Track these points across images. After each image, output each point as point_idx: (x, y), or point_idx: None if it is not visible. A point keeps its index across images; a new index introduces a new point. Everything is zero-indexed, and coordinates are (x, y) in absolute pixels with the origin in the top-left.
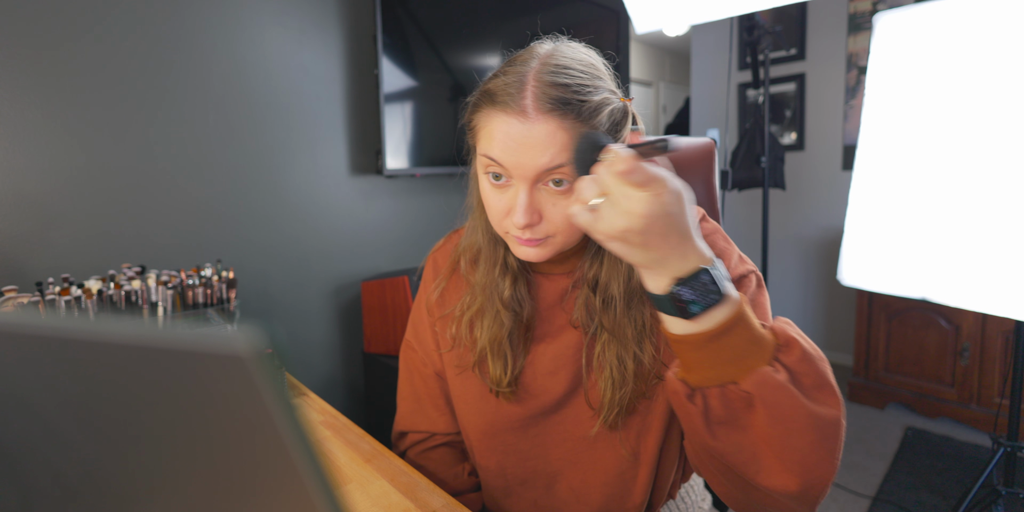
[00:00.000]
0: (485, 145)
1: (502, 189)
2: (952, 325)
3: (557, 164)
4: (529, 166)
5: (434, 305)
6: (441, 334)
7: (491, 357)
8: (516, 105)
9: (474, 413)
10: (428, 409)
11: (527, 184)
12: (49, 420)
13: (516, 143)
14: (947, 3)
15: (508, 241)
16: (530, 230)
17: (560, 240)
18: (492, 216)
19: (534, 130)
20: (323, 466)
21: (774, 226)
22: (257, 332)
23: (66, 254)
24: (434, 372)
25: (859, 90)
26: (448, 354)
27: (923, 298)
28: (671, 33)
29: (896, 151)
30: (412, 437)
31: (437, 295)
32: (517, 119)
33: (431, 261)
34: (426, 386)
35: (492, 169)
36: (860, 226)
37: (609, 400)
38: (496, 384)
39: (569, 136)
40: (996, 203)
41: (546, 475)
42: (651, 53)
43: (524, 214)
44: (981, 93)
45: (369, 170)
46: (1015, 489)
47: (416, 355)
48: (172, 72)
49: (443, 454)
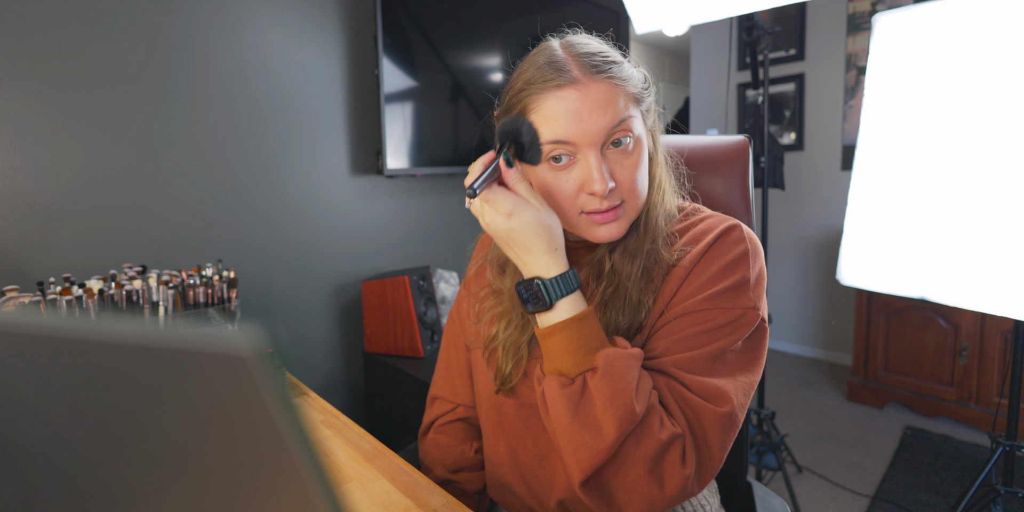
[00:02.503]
0: (547, 131)
1: (567, 170)
2: (951, 324)
3: (620, 120)
4: (595, 130)
5: (471, 280)
6: (468, 310)
7: (504, 354)
8: (566, 78)
9: (487, 390)
10: (455, 377)
11: (595, 150)
12: (51, 419)
13: (578, 112)
14: (946, 3)
15: (582, 227)
16: (607, 198)
17: (631, 207)
18: (562, 203)
19: (591, 93)
20: (323, 465)
21: (773, 226)
22: (258, 332)
23: (67, 254)
24: (464, 343)
25: (858, 90)
26: (474, 327)
27: (922, 298)
28: (671, 33)
29: (895, 151)
30: (440, 404)
31: (471, 273)
32: (572, 89)
33: (481, 242)
34: (457, 355)
35: (557, 151)
36: (859, 226)
37: None
38: (503, 383)
39: (619, 92)
40: (995, 203)
41: (540, 456)
42: (651, 53)
43: (603, 178)
44: (980, 93)
45: (370, 170)
46: (1014, 488)
47: (454, 325)
48: (173, 72)
49: (458, 429)
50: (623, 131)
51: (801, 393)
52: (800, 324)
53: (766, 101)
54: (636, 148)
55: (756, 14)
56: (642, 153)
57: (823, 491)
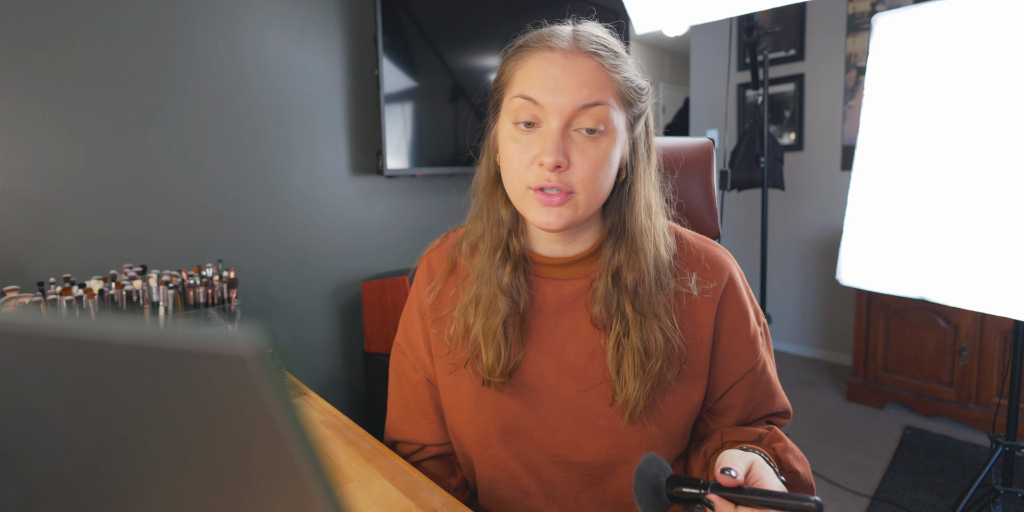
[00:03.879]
0: (520, 86)
1: (530, 136)
2: (951, 325)
3: (594, 101)
4: (567, 102)
5: (428, 309)
6: (437, 337)
7: (484, 346)
8: (559, 42)
9: (467, 420)
10: (416, 417)
11: (561, 122)
12: (51, 420)
13: (555, 78)
14: (946, 4)
15: (527, 205)
16: (556, 176)
17: (582, 200)
18: (513, 172)
19: (575, 64)
20: (324, 465)
21: (773, 226)
22: (258, 332)
23: (67, 254)
24: (424, 378)
25: (858, 91)
26: (444, 358)
27: (922, 298)
28: (671, 33)
29: (895, 151)
30: (403, 448)
31: (433, 298)
32: (560, 54)
33: (425, 262)
34: (415, 392)
35: (524, 111)
36: (859, 226)
37: (635, 390)
38: (488, 373)
39: (605, 78)
40: (994, 203)
41: (538, 492)
42: (651, 53)
43: (555, 150)
44: (980, 94)
45: (370, 170)
46: (1013, 488)
47: (406, 359)
48: (173, 72)
49: (433, 466)
50: (595, 116)
51: (801, 393)
52: (800, 324)
53: (766, 101)
54: (607, 142)
55: (756, 14)
56: (611, 150)
57: (823, 491)
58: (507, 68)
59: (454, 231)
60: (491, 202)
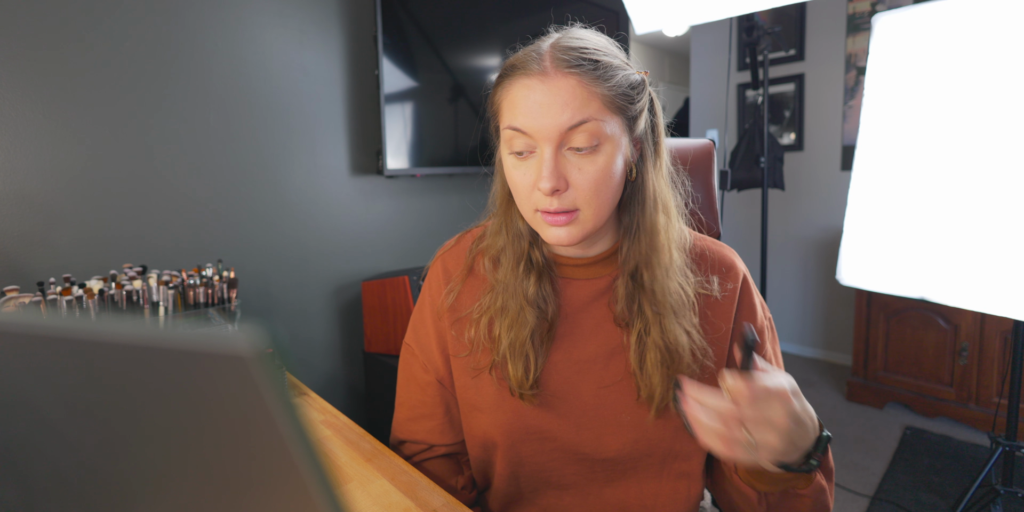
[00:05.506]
0: (508, 117)
1: (526, 163)
2: (951, 325)
3: (579, 121)
4: (552, 125)
5: (446, 310)
6: (456, 338)
7: (511, 358)
8: (536, 67)
9: (488, 421)
10: (424, 418)
11: (552, 146)
12: (51, 420)
13: (538, 103)
14: (946, 4)
15: (537, 225)
16: (558, 198)
17: (589, 215)
18: (520, 197)
19: (554, 87)
20: (324, 465)
21: (773, 226)
22: (258, 332)
23: (67, 254)
24: (435, 379)
25: (858, 91)
26: (463, 359)
27: (922, 298)
28: (671, 33)
29: (895, 151)
30: (410, 448)
31: (452, 299)
32: (537, 79)
33: (439, 263)
34: (423, 394)
35: (516, 141)
36: (859, 226)
37: (660, 384)
38: (518, 387)
39: (588, 93)
40: (994, 203)
41: (559, 487)
42: (651, 53)
43: (550, 176)
44: (980, 94)
45: (370, 170)
46: (1013, 488)
47: (416, 360)
48: (173, 72)
49: (439, 465)
50: (585, 134)
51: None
52: (800, 324)
53: (766, 101)
54: (604, 156)
55: (756, 14)
56: (610, 162)
57: None
58: (495, 98)
59: (468, 231)
60: (508, 217)
